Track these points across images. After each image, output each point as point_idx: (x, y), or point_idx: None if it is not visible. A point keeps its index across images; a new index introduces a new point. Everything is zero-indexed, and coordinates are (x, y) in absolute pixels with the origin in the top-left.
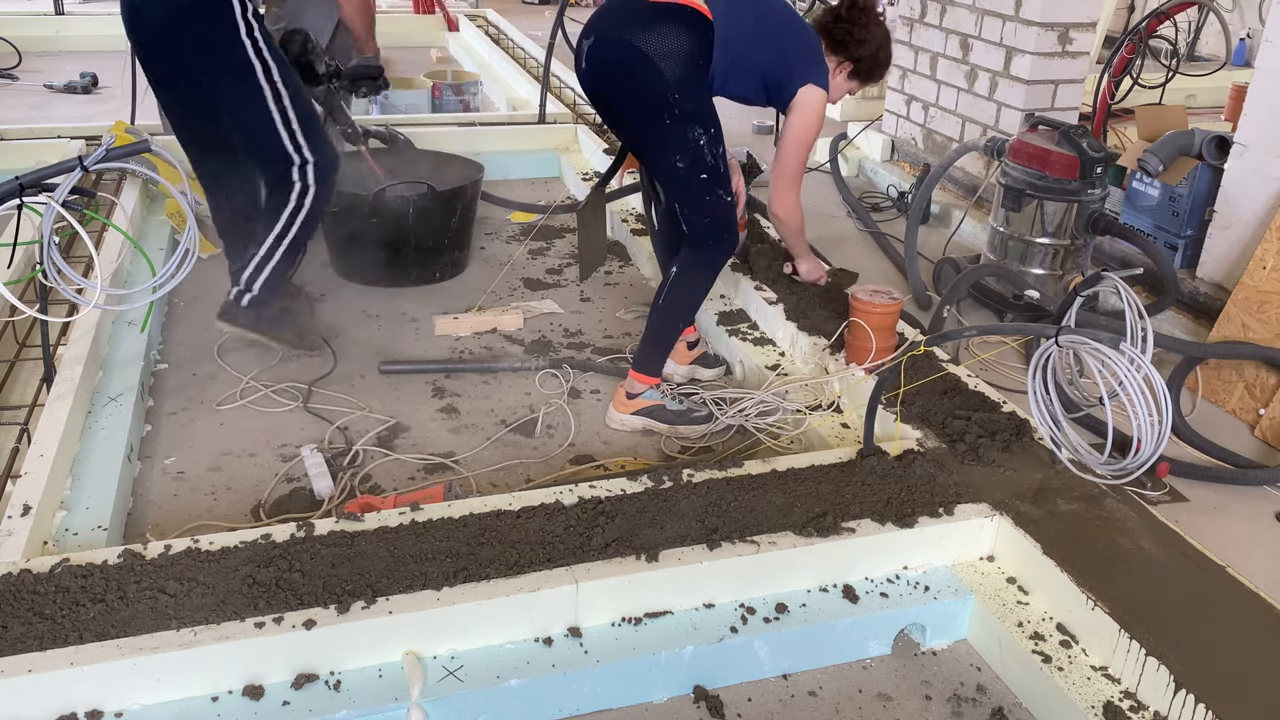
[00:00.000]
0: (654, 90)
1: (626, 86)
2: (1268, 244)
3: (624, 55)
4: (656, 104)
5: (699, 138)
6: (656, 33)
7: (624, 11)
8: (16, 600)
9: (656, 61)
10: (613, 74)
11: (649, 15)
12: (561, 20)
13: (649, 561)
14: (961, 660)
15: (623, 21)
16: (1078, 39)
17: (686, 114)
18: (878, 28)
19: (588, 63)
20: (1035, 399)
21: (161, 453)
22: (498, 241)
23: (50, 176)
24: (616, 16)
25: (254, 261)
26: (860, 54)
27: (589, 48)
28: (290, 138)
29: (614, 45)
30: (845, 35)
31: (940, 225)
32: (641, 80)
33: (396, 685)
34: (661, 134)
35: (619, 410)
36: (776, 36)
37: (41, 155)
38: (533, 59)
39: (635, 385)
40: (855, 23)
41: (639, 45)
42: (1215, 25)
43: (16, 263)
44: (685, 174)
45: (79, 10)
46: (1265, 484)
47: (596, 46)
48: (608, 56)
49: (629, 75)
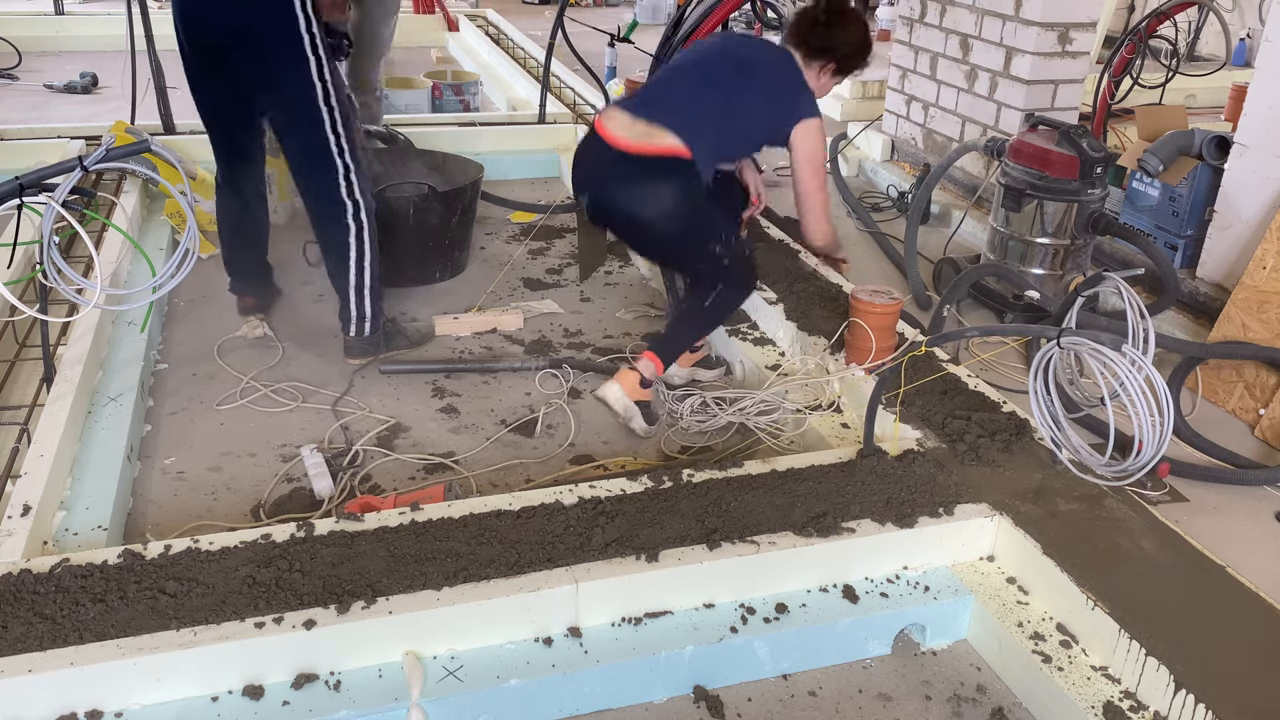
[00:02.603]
0: (670, 233)
1: (643, 233)
2: (1268, 244)
3: (629, 215)
4: (672, 239)
5: (718, 251)
6: (650, 195)
7: (612, 168)
8: (16, 600)
9: (659, 223)
10: (625, 224)
11: (639, 174)
12: (561, 20)
13: (649, 561)
14: (961, 660)
15: (616, 182)
16: (1078, 39)
17: (698, 236)
18: (855, 23)
19: (591, 212)
20: (1036, 399)
21: (161, 453)
22: (498, 241)
23: (50, 176)
24: (605, 172)
25: (352, 300)
26: (843, 53)
27: (588, 203)
28: (345, 174)
29: (615, 210)
30: (825, 40)
31: (940, 225)
32: (651, 228)
33: (396, 685)
34: (685, 253)
35: (628, 394)
36: (757, 103)
37: (41, 155)
38: (533, 59)
39: (650, 372)
40: (834, 25)
41: (641, 214)
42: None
43: (16, 263)
44: (710, 272)
45: (79, 10)
46: (1265, 484)
47: (596, 205)
48: (613, 209)
49: (643, 227)
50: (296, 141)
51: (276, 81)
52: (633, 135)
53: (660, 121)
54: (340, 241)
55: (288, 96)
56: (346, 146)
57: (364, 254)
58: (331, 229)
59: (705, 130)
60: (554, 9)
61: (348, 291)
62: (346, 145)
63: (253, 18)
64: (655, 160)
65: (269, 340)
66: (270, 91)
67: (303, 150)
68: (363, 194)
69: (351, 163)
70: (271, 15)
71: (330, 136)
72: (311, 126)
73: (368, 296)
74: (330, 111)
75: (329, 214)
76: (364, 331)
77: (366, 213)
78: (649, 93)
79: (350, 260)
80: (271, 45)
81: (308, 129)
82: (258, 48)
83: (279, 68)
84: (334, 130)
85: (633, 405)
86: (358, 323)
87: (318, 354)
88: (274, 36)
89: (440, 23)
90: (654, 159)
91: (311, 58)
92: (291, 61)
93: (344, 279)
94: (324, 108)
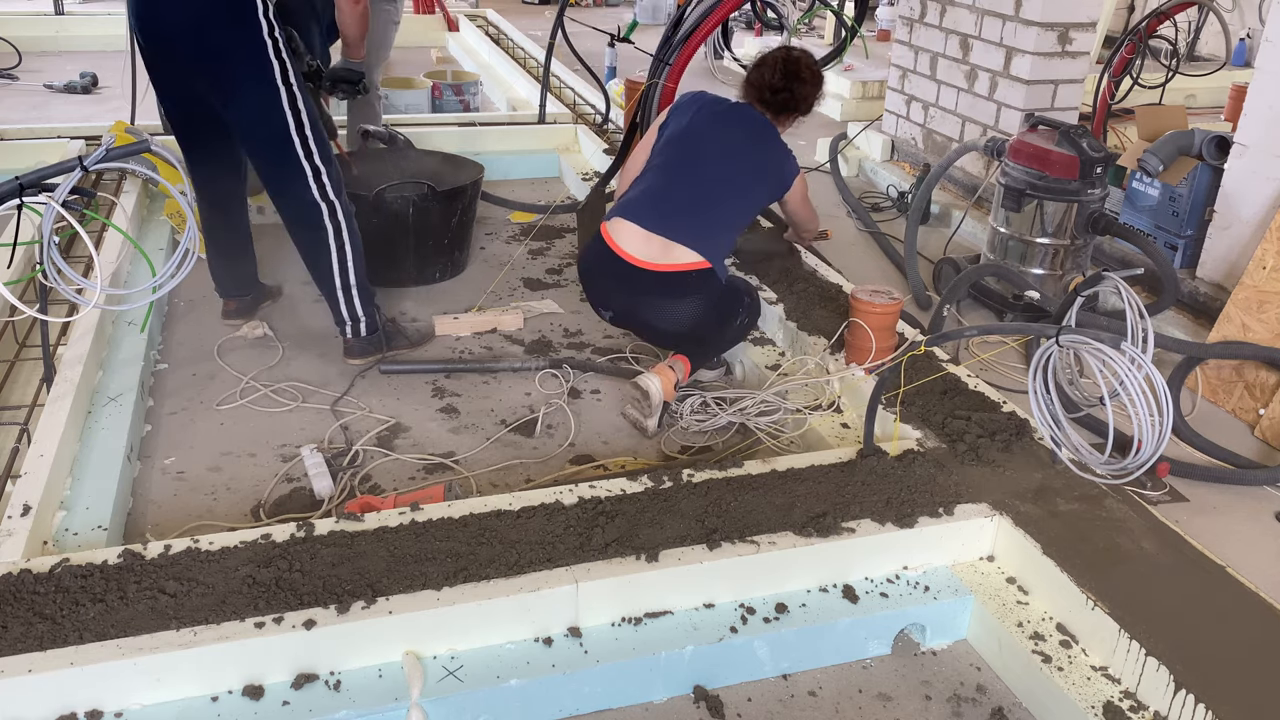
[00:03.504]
0: (705, 325)
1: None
2: (1268, 244)
3: (659, 328)
4: (710, 328)
5: (741, 314)
6: (681, 309)
7: (635, 285)
8: (16, 600)
9: (693, 327)
10: (655, 332)
11: (667, 292)
12: (561, 20)
13: (649, 561)
14: (961, 660)
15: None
16: (1078, 39)
17: (728, 314)
18: (810, 78)
19: (617, 324)
20: (1036, 399)
21: (161, 453)
22: (498, 241)
23: (50, 176)
24: (627, 289)
25: (340, 302)
26: (808, 104)
27: (612, 317)
28: (314, 176)
29: (645, 324)
30: (788, 101)
31: (940, 225)
32: (684, 332)
33: (396, 685)
34: (720, 331)
35: (667, 396)
36: (751, 182)
37: (41, 155)
38: (533, 59)
39: (682, 374)
40: (792, 84)
41: (673, 328)
42: (1215, 25)
43: (16, 263)
44: (735, 331)
45: (79, 10)
46: (1265, 484)
47: (622, 319)
48: (644, 323)
49: (676, 336)
50: (261, 148)
51: (238, 88)
52: (650, 254)
53: (675, 238)
54: (319, 243)
55: (250, 103)
56: (316, 149)
57: (345, 255)
58: (307, 232)
59: (716, 233)
60: (554, 9)
61: (335, 294)
62: (316, 148)
63: (209, 22)
64: (680, 276)
65: (269, 340)
66: (231, 97)
67: (268, 157)
68: (337, 195)
69: (322, 164)
70: (231, 20)
71: (296, 139)
72: (276, 132)
73: (356, 298)
74: (296, 115)
75: (303, 218)
76: (360, 332)
77: (345, 213)
78: (654, 200)
79: (332, 262)
80: (232, 51)
81: (272, 135)
82: (215, 53)
83: (241, 74)
84: (300, 133)
85: (661, 404)
86: (352, 324)
87: (318, 354)
88: (235, 42)
89: (440, 23)
90: (679, 275)
91: (275, 62)
92: (255, 68)
93: (328, 282)
94: (288, 111)
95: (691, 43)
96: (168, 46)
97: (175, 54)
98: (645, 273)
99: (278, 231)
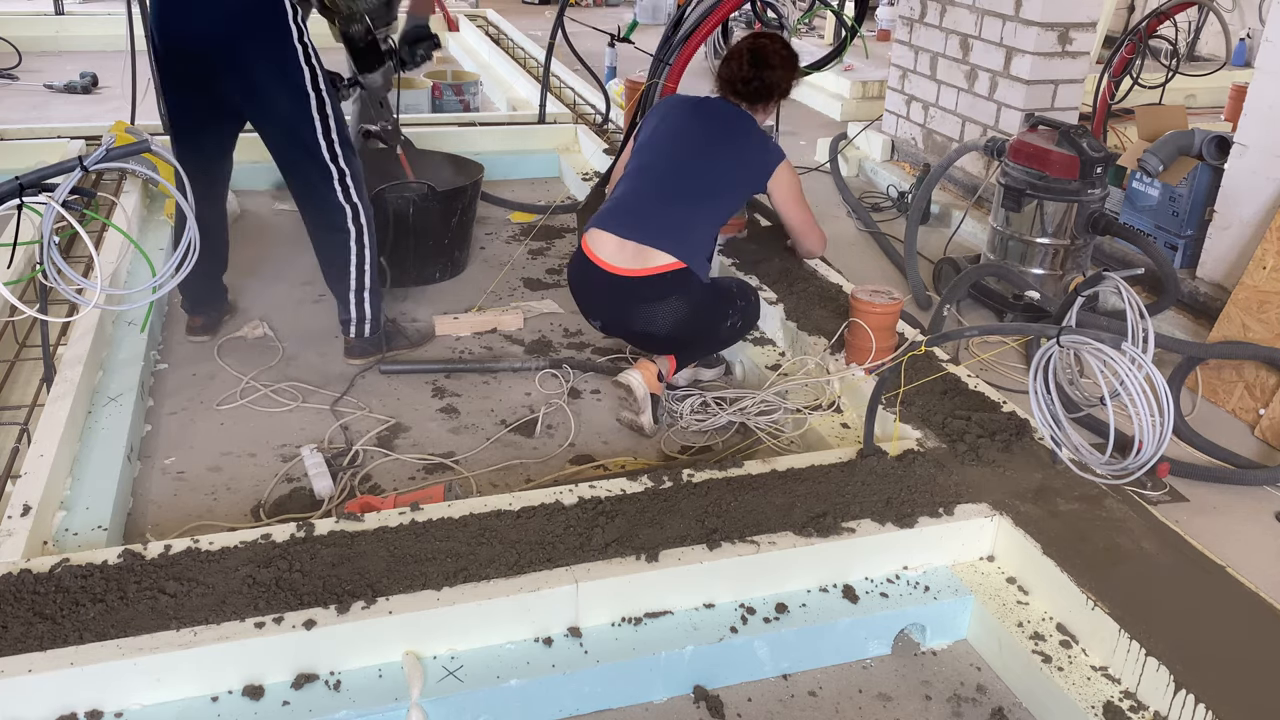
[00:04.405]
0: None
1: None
2: (1268, 244)
3: (649, 333)
4: (699, 331)
5: (734, 309)
6: (662, 312)
7: (616, 294)
8: (16, 600)
9: (680, 330)
10: (647, 338)
11: (645, 296)
12: (561, 20)
13: (649, 561)
14: (961, 660)
15: (624, 307)
16: (1078, 39)
17: (719, 316)
18: (780, 62)
19: (607, 333)
20: (1036, 399)
21: (161, 453)
22: (498, 241)
23: (50, 176)
24: (610, 298)
25: (353, 303)
26: (782, 89)
27: (601, 326)
28: (340, 179)
29: (633, 330)
30: (761, 89)
31: (940, 225)
32: (673, 335)
33: (396, 685)
34: (712, 333)
35: (652, 388)
36: (729, 174)
37: (41, 155)
38: (533, 59)
39: (666, 368)
40: (762, 73)
41: (660, 330)
42: (1215, 25)
43: (16, 263)
44: (729, 331)
45: (79, 10)
46: (1265, 484)
47: (611, 328)
48: (631, 330)
49: (667, 340)
50: (290, 153)
51: (269, 95)
52: (624, 260)
53: (647, 242)
54: (341, 245)
55: (281, 109)
56: (341, 151)
57: (364, 257)
58: (331, 234)
59: (692, 233)
60: (554, 9)
61: (348, 295)
62: (341, 150)
63: (243, 31)
64: (655, 279)
65: (269, 340)
66: (261, 104)
67: (297, 161)
68: (360, 198)
69: (346, 167)
70: (263, 28)
71: (323, 144)
72: (305, 137)
73: (368, 298)
74: (324, 120)
75: (328, 220)
76: (364, 333)
77: (366, 216)
78: (627, 207)
79: (351, 264)
80: (264, 59)
81: (301, 140)
82: (248, 61)
83: (272, 81)
84: (327, 137)
85: (649, 396)
86: (358, 324)
87: (318, 354)
88: (267, 50)
89: (440, 23)
90: (654, 279)
91: (305, 68)
92: (285, 75)
93: (344, 283)
94: (317, 116)
95: (691, 43)
96: (197, 55)
97: (205, 63)
98: (623, 280)
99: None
